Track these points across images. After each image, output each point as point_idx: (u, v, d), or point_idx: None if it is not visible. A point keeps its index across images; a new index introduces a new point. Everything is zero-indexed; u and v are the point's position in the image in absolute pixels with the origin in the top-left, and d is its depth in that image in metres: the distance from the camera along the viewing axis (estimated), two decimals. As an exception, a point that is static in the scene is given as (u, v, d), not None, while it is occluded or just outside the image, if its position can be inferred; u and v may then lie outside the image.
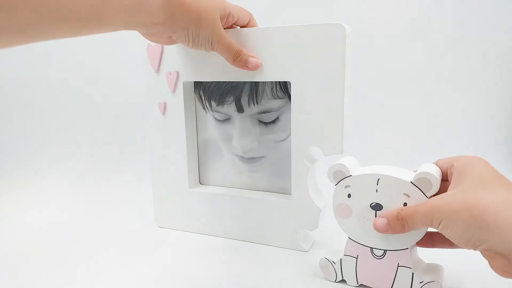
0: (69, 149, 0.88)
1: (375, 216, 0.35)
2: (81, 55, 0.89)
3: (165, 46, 0.49)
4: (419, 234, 0.34)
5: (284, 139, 0.49)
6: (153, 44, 0.49)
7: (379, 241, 0.36)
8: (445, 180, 0.34)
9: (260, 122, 0.49)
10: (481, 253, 0.29)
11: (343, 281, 0.39)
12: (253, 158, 0.50)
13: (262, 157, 0.50)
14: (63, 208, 0.64)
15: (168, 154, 0.52)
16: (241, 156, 0.51)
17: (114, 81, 0.89)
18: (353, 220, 0.37)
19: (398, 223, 0.32)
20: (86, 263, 0.45)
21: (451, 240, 0.30)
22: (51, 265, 0.45)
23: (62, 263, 0.45)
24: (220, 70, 0.46)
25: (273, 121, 0.48)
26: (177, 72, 0.49)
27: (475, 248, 0.29)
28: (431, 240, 0.36)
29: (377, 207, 0.35)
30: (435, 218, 0.30)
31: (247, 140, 0.50)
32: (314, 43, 0.41)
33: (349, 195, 0.36)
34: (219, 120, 0.51)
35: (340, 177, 0.37)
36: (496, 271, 0.29)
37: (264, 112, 0.48)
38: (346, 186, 0.36)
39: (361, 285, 0.39)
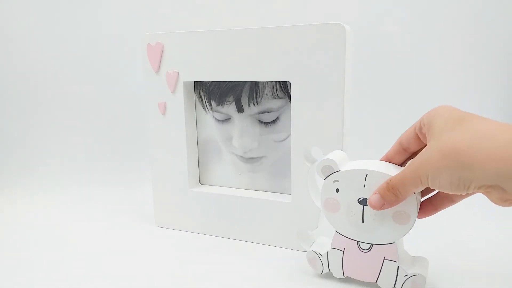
0: (68, 149, 0.88)
1: (363, 211, 0.36)
2: (81, 55, 0.89)
3: (165, 46, 0.49)
4: (405, 229, 0.35)
5: (284, 139, 0.49)
6: (153, 44, 0.49)
7: (366, 235, 0.37)
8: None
9: (260, 122, 0.49)
10: (477, 192, 0.29)
11: (345, 279, 0.40)
12: (253, 158, 0.50)
13: (262, 157, 0.50)
14: (62, 208, 0.64)
15: (168, 154, 0.52)
16: (241, 156, 0.51)
17: (114, 81, 0.89)
18: (341, 215, 0.37)
19: (390, 193, 0.33)
20: (86, 263, 0.45)
21: (444, 191, 0.30)
22: (50, 265, 0.45)
23: (61, 263, 0.45)
24: (220, 70, 0.46)
25: (273, 121, 0.48)
26: (177, 72, 0.49)
27: (468, 190, 0.29)
28: (432, 205, 0.36)
29: (364, 202, 0.36)
30: (422, 176, 0.30)
31: (247, 140, 0.50)
32: (314, 43, 0.41)
33: (337, 190, 0.37)
34: (219, 120, 0.51)
35: (329, 172, 0.37)
36: (497, 204, 0.29)
37: (264, 112, 0.48)
38: (335, 181, 0.37)
39: (347, 277, 0.40)
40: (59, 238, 0.52)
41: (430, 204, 0.36)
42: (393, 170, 0.35)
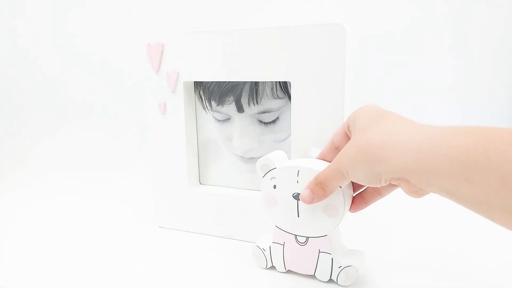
0: (69, 149, 0.88)
1: (297, 205, 0.38)
2: (81, 55, 0.89)
3: (165, 46, 0.49)
4: (336, 221, 0.36)
5: (284, 139, 0.49)
6: (153, 44, 0.49)
7: (301, 229, 0.39)
8: None
9: (260, 122, 0.49)
10: (393, 184, 0.31)
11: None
12: (253, 158, 0.50)
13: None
14: (62, 208, 0.64)
15: (168, 154, 0.52)
16: (241, 156, 0.51)
17: (114, 81, 0.89)
18: (279, 210, 0.39)
19: (318, 188, 0.35)
20: (86, 263, 0.45)
21: (363, 184, 0.32)
22: (49, 264, 0.45)
23: (61, 263, 0.45)
24: (220, 70, 0.46)
25: (273, 121, 0.49)
26: (177, 72, 0.49)
27: (381, 183, 0.31)
28: (363, 199, 0.38)
29: (298, 196, 0.37)
30: (343, 170, 0.33)
31: (247, 140, 0.50)
32: (314, 43, 0.41)
33: (274, 186, 0.39)
34: (219, 120, 0.51)
35: (266, 169, 0.39)
36: (409, 195, 0.32)
37: (264, 112, 0.48)
38: (272, 178, 0.39)
39: (288, 270, 0.41)
40: (58, 238, 0.52)
41: (361, 198, 0.38)
42: (323, 167, 0.36)
